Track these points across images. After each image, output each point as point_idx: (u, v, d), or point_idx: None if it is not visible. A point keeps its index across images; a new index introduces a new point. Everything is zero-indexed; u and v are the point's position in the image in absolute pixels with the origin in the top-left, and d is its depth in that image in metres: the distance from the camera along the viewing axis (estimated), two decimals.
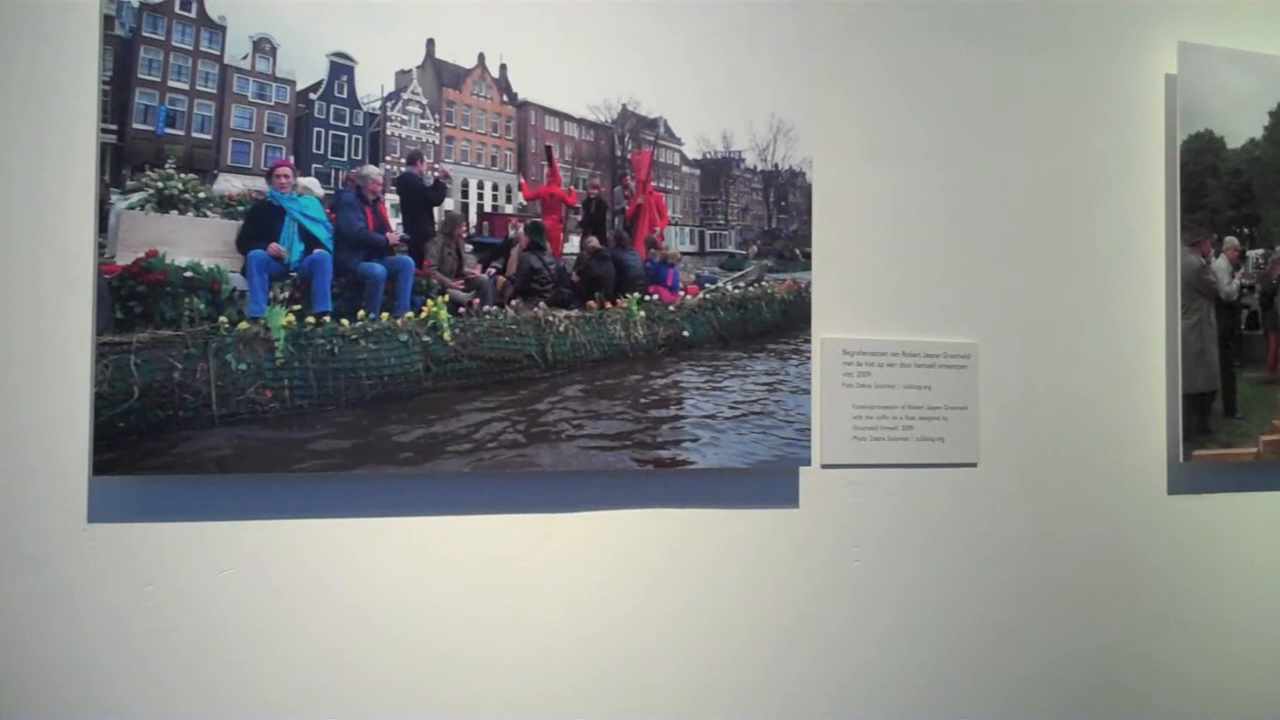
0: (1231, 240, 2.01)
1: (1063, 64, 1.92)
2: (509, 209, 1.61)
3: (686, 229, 1.72)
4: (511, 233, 1.61)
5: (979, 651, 1.84)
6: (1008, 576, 1.86)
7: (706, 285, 1.71)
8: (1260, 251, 2.04)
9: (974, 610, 1.84)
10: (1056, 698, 1.89)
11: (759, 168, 1.71)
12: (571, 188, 1.64)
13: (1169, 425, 1.97)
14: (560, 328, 1.61)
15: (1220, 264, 1.99)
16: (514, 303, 1.59)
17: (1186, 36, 1.98)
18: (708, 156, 1.68)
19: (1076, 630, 1.91)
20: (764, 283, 1.73)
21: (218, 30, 1.45)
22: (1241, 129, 2.01)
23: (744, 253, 1.74)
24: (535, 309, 1.60)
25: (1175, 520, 1.98)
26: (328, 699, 1.51)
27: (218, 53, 1.45)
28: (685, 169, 1.69)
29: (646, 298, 1.66)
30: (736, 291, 1.72)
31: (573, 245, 1.64)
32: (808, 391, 1.71)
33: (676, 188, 1.70)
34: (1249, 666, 2.04)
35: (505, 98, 1.58)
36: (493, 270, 1.59)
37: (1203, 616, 2.00)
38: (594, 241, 1.64)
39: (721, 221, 1.74)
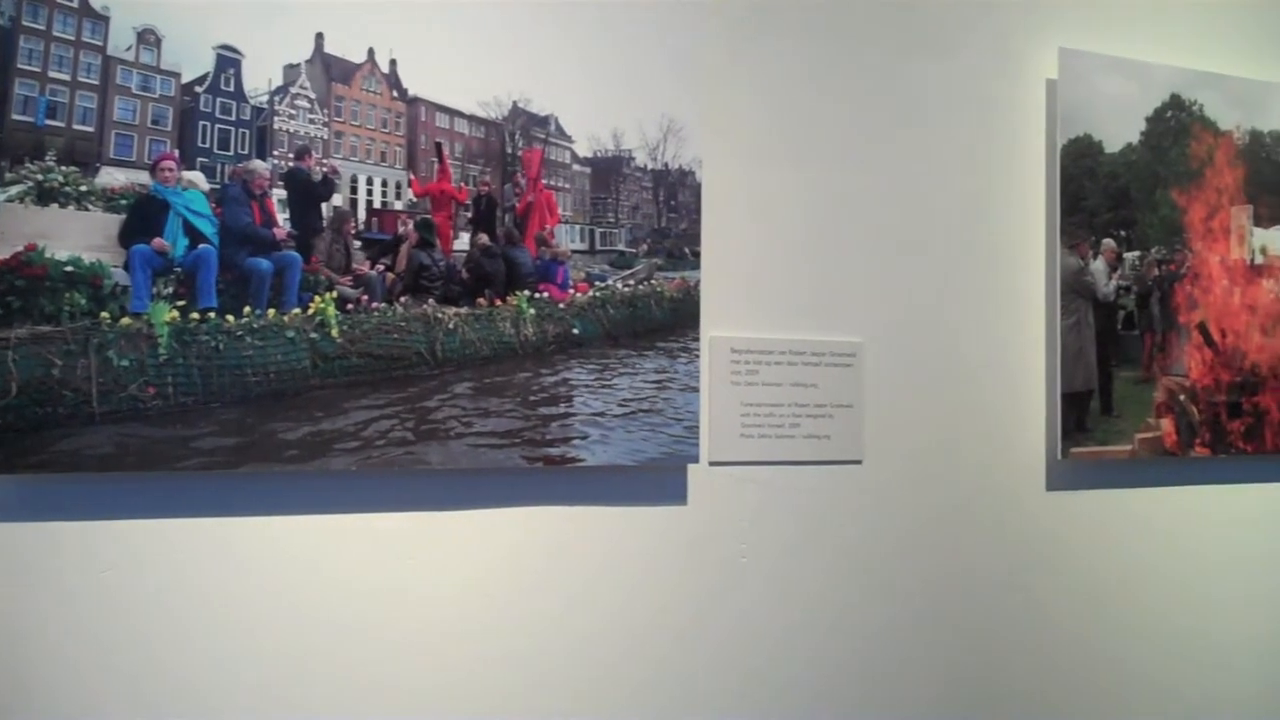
0: (1109, 242, 2.27)
1: (947, 68, 2.15)
2: (398, 205, 1.76)
3: (577, 227, 1.90)
4: (401, 229, 1.76)
5: (864, 646, 2.06)
6: (892, 571, 2.09)
7: (596, 283, 1.89)
8: (1136, 253, 2.31)
9: (859, 605, 2.06)
10: (940, 692, 2.13)
11: (649, 166, 1.90)
12: (462, 184, 1.80)
13: (1048, 423, 2.22)
14: (450, 325, 1.77)
15: (1098, 266, 2.26)
16: (403, 300, 1.75)
17: (1067, 42, 2.23)
18: (598, 155, 1.86)
19: (958, 624, 2.15)
20: (653, 281, 1.92)
21: (100, 21, 1.57)
22: (1119, 133, 2.28)
23: (634, 251, 1.92)
24: (425, 306, 1.75)
25: (1054, 516, 2.24)
26: (209, 699, 1.65)
27: (100, 43, 1.57)
28: (576, 167, 1.87)
29: (536, 295, 1.84)
30: (626, 289, 1.90)
31: (463, 242, 1.80)
32: (696, 389, 1.90)
33: (567, 185, 1.87)
34: (1122, 658, 2.31)
35: (395, 93, 1.73)
36: (382, 267, 1.74)
37: (1079, 610, 2.27)
38: (484, 238, 1.81)
39: (612, 220, 1.92)
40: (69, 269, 1.54)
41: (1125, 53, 2.29)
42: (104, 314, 1.56)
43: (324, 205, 1.71)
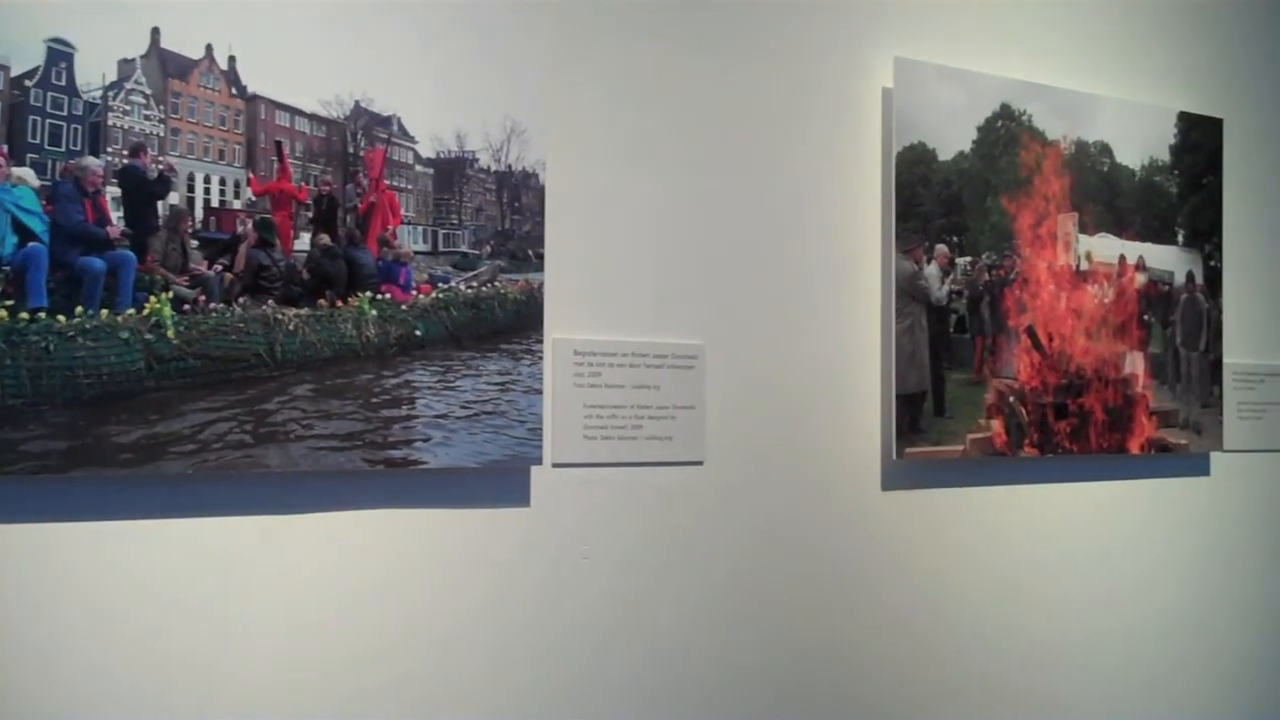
0: (942, 248, 2.60)
1: (787, 74, 2.44)
2: (237, 204, 1.93)
3: (420, 228, 2.10)
4: (240, 228, 1.93)
5: (706, 644, 2.32)
6: (733, 570, 2.36)
7: (440, 284, 2.09)
8: (968, 259, 2.64)
9: (700, 604, 2.32)
10: (780, 688, 2.41)
11: (493, 168, 2.12)
12: (302, 184, 1.98)
13: (883, 424, 2.53)
14: (290, 326, 1.95)
15: (931, 270, 2.58)
16: (242, 300, 1.92)
17: (902, 52, 2.55)
18: (441, 156, 2.07)
19: (798, 621, 2.43)
20: (497, 283, 2.13)
21: None
22: (952, 142, 2.61)
23: (477, 252, 2.13)
24: (264, 307, 1.93)
25: (889, 515, 2.56)
26: (42, 710, 1.79)
27: None
28: (419, 168, 2.07)
29: (379, 296, 2.03)
30: (470, 291, 2.11)
31: (303, 242, 1.98)
32: (540, 391, 2.13)
33: (410, 186, 2.07)
34: (956, 653, 2.64)
35: (234, 90, 1.90)
36: (220, 267, 1.91)
37: (914, 607, 2.59)
38: (325, 239, 1.99)
39: (455, 221, 2.12)
40: None
41: (958, 63, 2.62)
42: None
43: (160, 203, 1.87)
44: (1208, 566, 3.08)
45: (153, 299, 1.84)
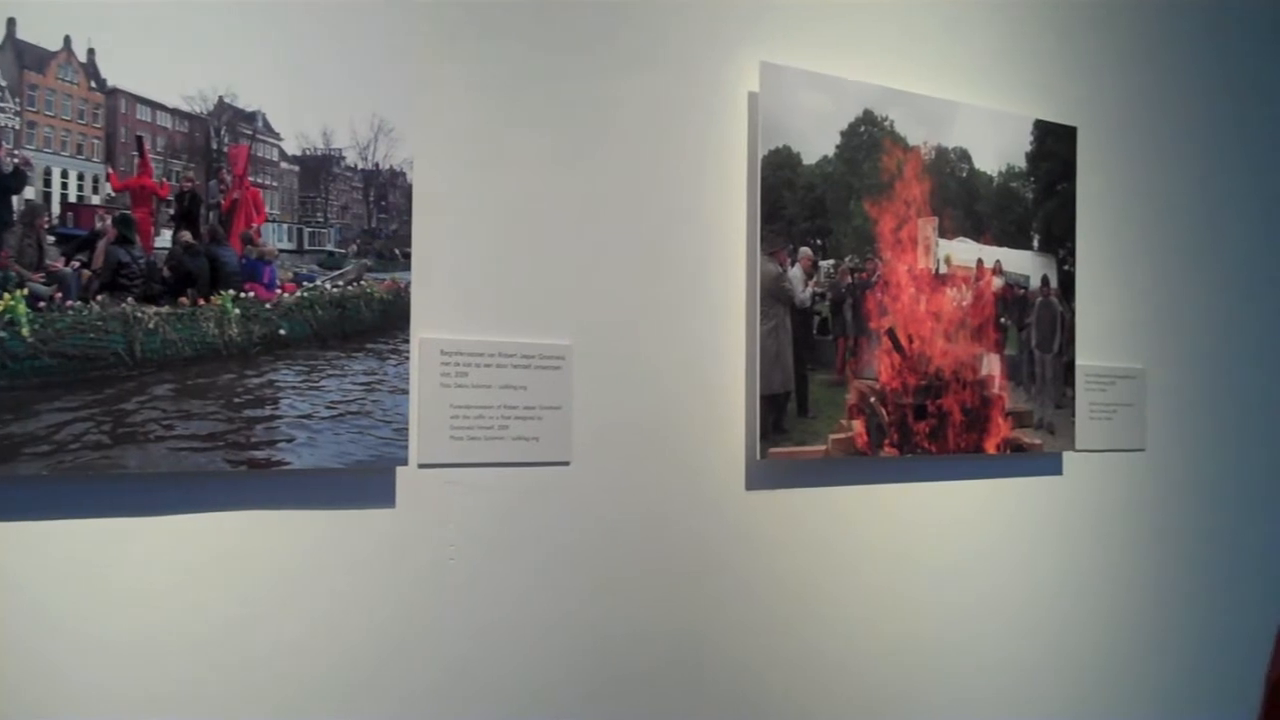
0: (806, 250, 2.76)
1: (654, 77, 2.56)
2: (96, 200, 1.98)
3: (284, 226, 2.16)
4: (98, 224, 1.97)
5: (572, 644, 2.44)
6: (599, 570, 2.47)
7: (305, 283, 2.16)
8: (831, 262, 2.81)
9: (567, 604, 2.43)
10: (647, 687, 2.53)
11: (360, 166, 2.20)
12: (164, 180, 2.03)
13: (748, 424, 2.68)
14: (150, 324, 2.00)
15: (795, 273, 2.74)
16: (100, 298, 1.96)
17: (768, 57, 2.69)
18: (307, 153, 2.14)
19: (663, 621, 2.56)
20: (363, 282, 2.21)
21: None
22: (816, 146, 2.77)
23: (343, 251, 2.21)
24: (123, 305, 1.97)
25: (753, 514, 2.70)
26: None
27: None
28: (284, 165, 2.14)
29: (242, 295, 2.09)
30: (335, 290, 2.19)
31: (164, 239, 2.03)
32: (406, 391, 2.21)
33: (275, 184, 2.14)
34: (820, 651, 2.80)
35: (94, 84, 1.95)
36: (77, 263, 1.95)
37: (779, 606, 2.74)
38: (187, 236, 2.04)
39: (321, 219, 2.20)
40: None
41: (823, 68, 2.78)
42: None
43: (14, 198, 1.90)
44: (1058, 563, 3.31)
45: (6, 296, 1.87)
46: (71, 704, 1.95)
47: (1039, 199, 3.21)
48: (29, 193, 1.92)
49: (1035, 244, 3.21)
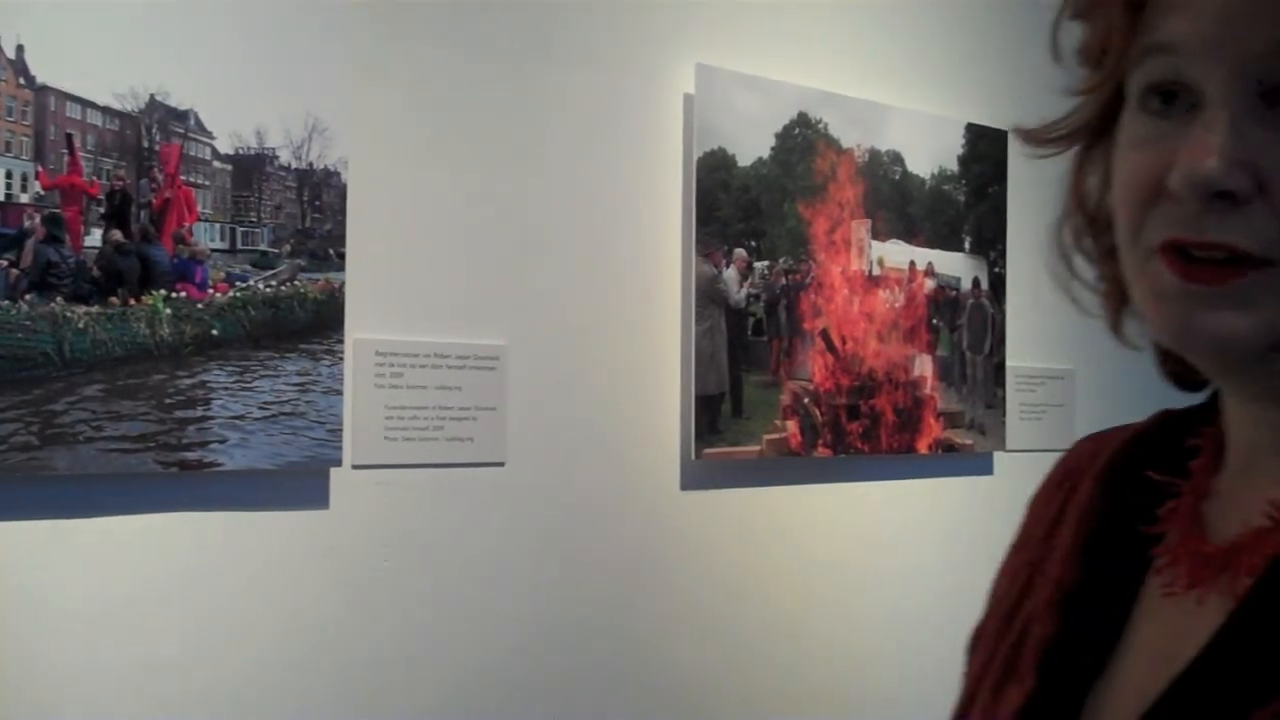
0: (740, 252, 2.81)
1: (590, 79, 2.60)
2: (25, 198, 1.98)
3: (217, 225, 2.17)
4: (27, 223, 1.97)
5: (506, 644, 2.47)
6: (534, 570, 2.51)
7: (237, 283, 2.17)
8: (766, 263, 2.86)
9: (502, 605, 2.46)
10: (582, 687, 2.57)
11: (294, 166, 2.21)
12: (94, 178, 2.03)
13: (683, 425, 2.72)
14: (79, 324, 2.00)
15: (730, 274, 2.79)
16: (28, 297, 1.96)
17: (704, 59, 2.74)
18: (240, 152, 2.16)
19: (599, 621, 2.60)
20: (297, 282, 2.23)
21: None
22: (751, 148, 2.82)
23: (277, 251, 2.22)
24: (52, 304, 1.98)
25: (688, 515, 2.75)
26: None
27: None
28: (217, 164, 2.15)
29: (173, 295, 2.10)
30: (269, 290, 2.20)
31: (95, 238, 2.03)
32: (340, 392, 2.23)
33: (207, 183, 2.15)
34: (756, 652, 2.86)
35: (22, 80, 1.95)
36: (5, 263, 1.95)
37: (715, 606, 2.79)
38: (118, 235, 2.05)
39: (254, 219, 2.21)
40: None
41: (758, 71, 2.83)
42: None
43: None
44: (990, 561, 3.36)
45: None
46: (4, 705, 1.95)
47: (970, 202, 3.28)
48: None
49: (967, 246, 3.28)
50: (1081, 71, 1.20)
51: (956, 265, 3.26)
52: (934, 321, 3.19)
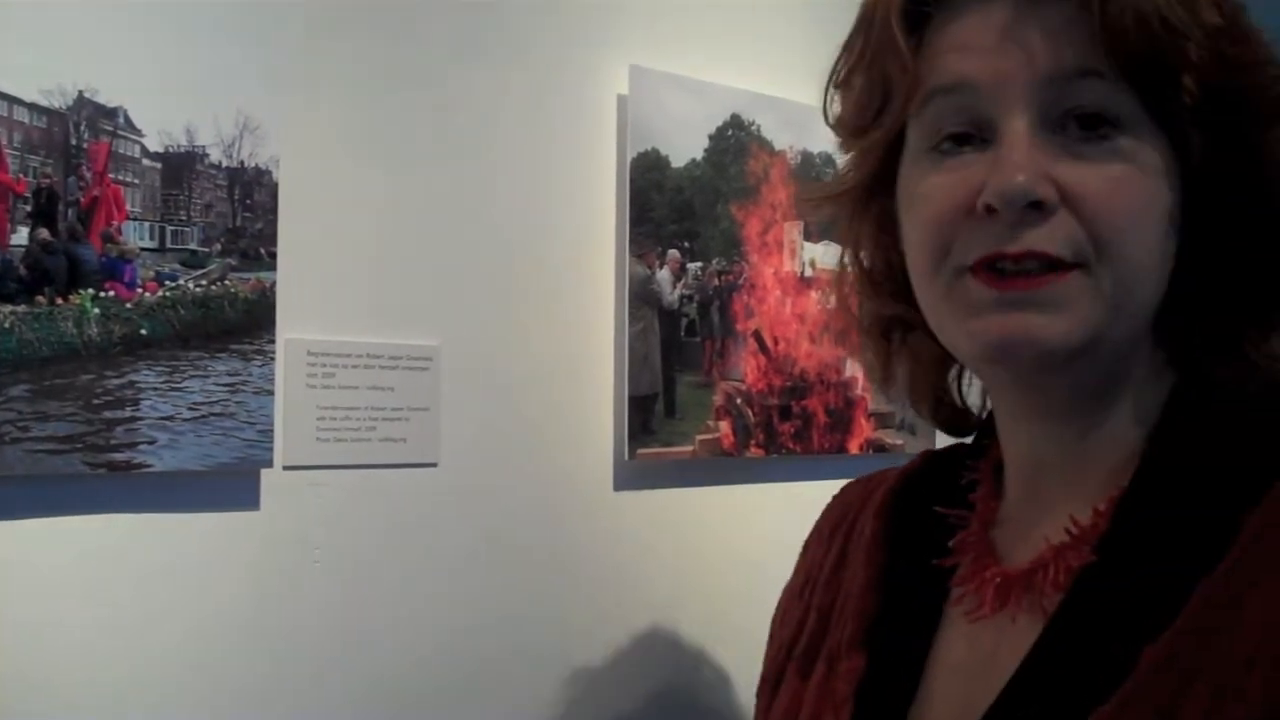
0: (674, 253, 2.85)
1: (523, 78, 2.63)
2: None
3: (147, 224, 2.17)
4: None
5: (440, 646, 2.49)
6: (466, 571, 2.53)
7: (167, 282, 2.18)
8: (699, 264, 2.91)
9: (435, 606, 2.49)
10: (513, 689, 2.60)
11: (224, 164, 2.22)
12: (21, 176, 2.03)
13: (616, 425, 2.76)
14: (5, 324, 1.99)
15: (664, 275, 2.83)
16: None
17: (638, 60, 2.78)
18: (170, 150, 2.16)
19: (533, 622, 2.63)
20: (227, 281, 2.24)
21: None
22: (685, 150, 2.87)
23: (207, 250, 2.23)
24: None
25: (622, 515, 2.79)
26: None
27: None
28: (146, 162, 2.15)
29: (102, 294, 2.10)
30: (199, 290, 2.21)
31: (21, 236, 2.03)
32: (271, 392, 2.24)
33: (137, 181, 2.15)
34: (689, 652, 2.90)
35: None
36: None
37: (649, 606, 2.83)
38: (44, 233, 2.05)
39: (184, 218, 2.21)
40: None
41: (691, 72, 2.87)
42: None
43: None
44: None
45: None
46: None
47: None
48: None
49: None
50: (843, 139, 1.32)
51: None
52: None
